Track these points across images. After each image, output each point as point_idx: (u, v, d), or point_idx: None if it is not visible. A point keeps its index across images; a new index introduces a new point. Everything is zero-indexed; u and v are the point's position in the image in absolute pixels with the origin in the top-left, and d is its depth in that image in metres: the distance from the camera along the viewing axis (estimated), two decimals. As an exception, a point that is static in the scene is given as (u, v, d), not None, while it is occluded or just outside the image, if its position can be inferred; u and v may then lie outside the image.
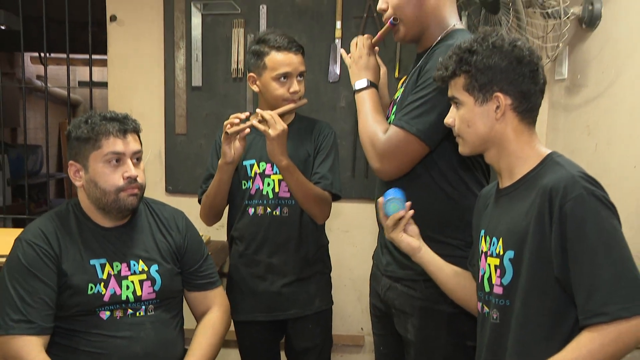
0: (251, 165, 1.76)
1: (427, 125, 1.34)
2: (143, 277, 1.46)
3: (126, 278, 1.45)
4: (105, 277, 1.43)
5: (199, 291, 1.59)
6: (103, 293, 1.41)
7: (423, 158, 1.39)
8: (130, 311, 1.45)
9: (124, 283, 1.44)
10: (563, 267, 1.04)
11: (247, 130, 1.64)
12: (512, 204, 1.15)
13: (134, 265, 1.47)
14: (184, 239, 1.57)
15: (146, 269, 1.47)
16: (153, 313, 1.47)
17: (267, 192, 1.74)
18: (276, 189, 1.73)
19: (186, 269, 1.57)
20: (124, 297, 1.43)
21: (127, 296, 1.44)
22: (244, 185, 1.76)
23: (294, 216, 1.74)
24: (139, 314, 1.46)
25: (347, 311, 2.62)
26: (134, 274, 1.46)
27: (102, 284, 1.42)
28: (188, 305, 1.61)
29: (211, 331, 1.56)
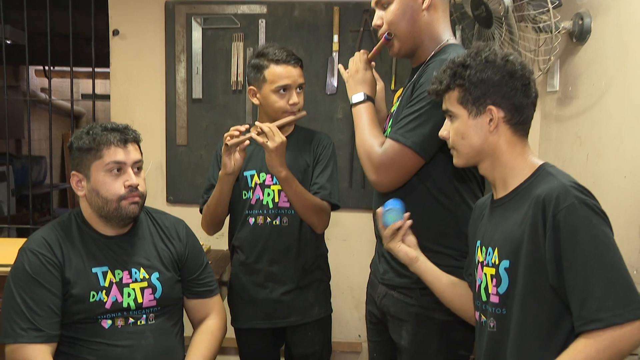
0: (251, 175, 1.77)
1: (422, 137, 1.35)
2: (144, 285, 1.47)
3: (128, 285, 1.45)
4: (107, 285, 1.43)
5: (198, 298, 1.59)
6: (105, 300, 1.42)
7: (418, 170, 1.40)
8: (131, 320, 1.45)
9: (126, 290, 1.44)
10: (557, 275, 1.05)
11: (247, 142, 1.65)
12: (507, 215, 1.16)
13: (136, 272, 1.47)
14: (185, 247, 1.57)
15: (147, 277, 1.48)
16: (154, 322, 1.48)
17: (267, 202, 1.75)
18: (276, 199, 1.74)
19: (186, 277, 1.57)
20: (125, 305, 1.44)
21: (129, 303, 1.44)
22: (245, 195, 1.77)
23: (294, 225, 1.75)
24: (140, 323, 1.46)
25: (345, 318, 2.63)
26: (136, 282, 1.46)
27: (104, 292, 1.42)
28: (186, 312, 1.61)
29: (209, 337, 1.56)
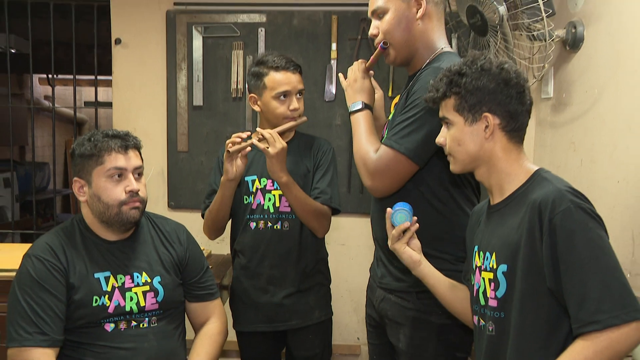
0: (253, 181, 1.78)
1: (415, 144, 1.37)
2: (146, 289, 1.48)
3: (130, 290, 1.46)
4: (109, 290, 1.44)
5: (199, 302, 1.61)
6: (107, 305, 1.43)
7: (413, 175, 1.41)
8: (134, 323, 1.46)
9: (128, 295, 1.46)
10: (554, 278, 1.06)
11: (248, 148, 1.67)
12: (504, 220, 1.17)
13: (137, 277, 1.48)
14: (186, 251, 1.59)
15: (149, 281, 1.49)
16: (156, 324, 1.49)
17: (268, 207, 1.76)
18: (277, 204, 1.76)
19: (187, 280, 1.59)
20: (128, 309, 1.45)
21: (131, 307, 1.46)
22: (246, 200, 1.79)
23: (295, 230, 1.76)
24: (143, 326, 1.47)
25: (344, 321, 2.65)
26: (138, 286, 1.48)
27: (107, 296, 1.43)
28: (187, 316, 1.63)
29: (210, 341, 1.57)
